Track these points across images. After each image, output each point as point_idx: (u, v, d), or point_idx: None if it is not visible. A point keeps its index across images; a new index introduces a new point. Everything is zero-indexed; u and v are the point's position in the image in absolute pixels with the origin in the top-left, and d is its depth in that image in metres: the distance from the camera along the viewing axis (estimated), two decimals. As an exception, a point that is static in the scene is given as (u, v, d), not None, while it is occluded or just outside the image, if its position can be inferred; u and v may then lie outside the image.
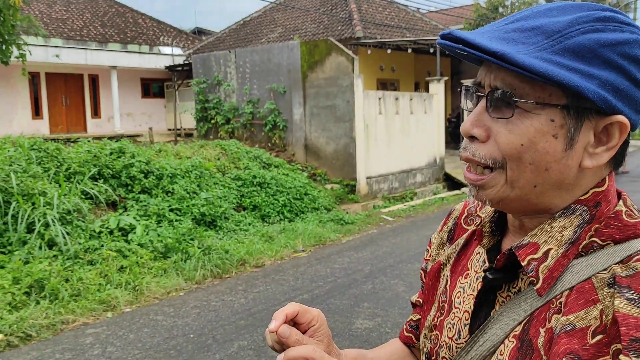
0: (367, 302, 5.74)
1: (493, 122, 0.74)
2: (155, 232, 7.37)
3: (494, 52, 0.69)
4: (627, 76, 0.70)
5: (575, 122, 0.71)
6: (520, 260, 0.75)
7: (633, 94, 0.71)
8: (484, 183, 0.76)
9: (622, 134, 0.72)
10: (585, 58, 0.69)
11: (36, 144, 8.24)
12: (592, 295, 0.67)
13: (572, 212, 0.74)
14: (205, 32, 31.06)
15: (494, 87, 0.74)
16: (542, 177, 0.73)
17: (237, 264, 7.15)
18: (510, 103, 0.72)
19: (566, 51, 0.69)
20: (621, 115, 0.71)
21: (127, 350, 4.69)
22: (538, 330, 0.71)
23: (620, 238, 0.71)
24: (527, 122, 0.71)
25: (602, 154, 0.73)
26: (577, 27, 0.70)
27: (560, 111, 0.71)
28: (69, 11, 21.68)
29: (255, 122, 13.42)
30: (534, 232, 0.76)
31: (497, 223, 0.86)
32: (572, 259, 0.73)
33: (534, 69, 0.67)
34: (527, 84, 0.71)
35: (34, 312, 5.22)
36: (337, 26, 16.40)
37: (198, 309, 5.67)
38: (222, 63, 14.10)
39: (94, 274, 6.09)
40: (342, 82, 11.82)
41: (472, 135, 0.76)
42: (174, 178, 8.92)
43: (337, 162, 12.10)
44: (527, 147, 0.72)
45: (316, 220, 9.64)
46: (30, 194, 6.89)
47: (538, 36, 0.71)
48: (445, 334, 0.89)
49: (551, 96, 0.71)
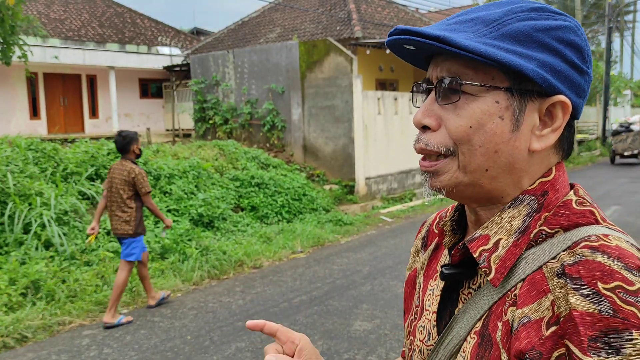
0: (366, 303, 5.71)
1: (443, 111, 0.77)
2: (153, 233, 7.34)
3: (437, 36, 0.73)
4: (564, 59, 0.74)
5: (519, 104, 0.74)
6: (472, 253, 0.76)
7: (571, 76, 0.75)
8: (437, 169, 0.78)
9: (564, 114, 0.75)
10: (523, 42, 0.73)
11: (33, 144, 8.21)
12: (543, 286, 0.67)
13: (520, 202, 0.76)
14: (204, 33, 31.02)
15: (441, 77, 0.77)
16: (493, 159, 0.75)
17: (235, 265, 7.11)
18: (456, 89, 0.75)
19: (504, 36, 0.73)
20: (562, 95, 0.74)
21: (123, 351, 4.65)
22: (496, 325, 0.72)
23: (569, 225, 0.72)
24: (474, 105, 0.74)
25: (549, 135, 0.75)
26: (512, 16, 0.74)
27: (504, 93, 0.74)
28: (67, 11, 21.63)
29: (254, 123, 13.38)
30: (485, 224, 0.78)
31: (458, 221, 0.88)
32: (524, 248, 0.73)
33: (475, 50, 0.71)
34: (471, 69, 0.74)
35: (30, 313, 5.18)
36: (335, 26, 16.37)
37: (195, 310, 5.64)
38: (220, 63, 14.06)
39: (90, 275, 6.06)
40: (341, 82, 11.79)
41: (424, 126, 0.78)
42: (171, 178, 8.88)
43: (336, 163, 12.07)
44: (475, 129, 0.74)
45: (315, 221, 9.61)
46: (27, 195, 6.85)
47: (477, 25, 0.75)
48: (417, 337, 0.90)
49: (494, 79, 0.74)
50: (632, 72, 42.46)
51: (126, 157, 5.43)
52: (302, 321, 5.25)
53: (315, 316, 5.39)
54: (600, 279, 0.62)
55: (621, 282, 0.62)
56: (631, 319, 0.59)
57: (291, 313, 5.48)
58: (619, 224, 0.72)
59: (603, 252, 0.65)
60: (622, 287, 0.61)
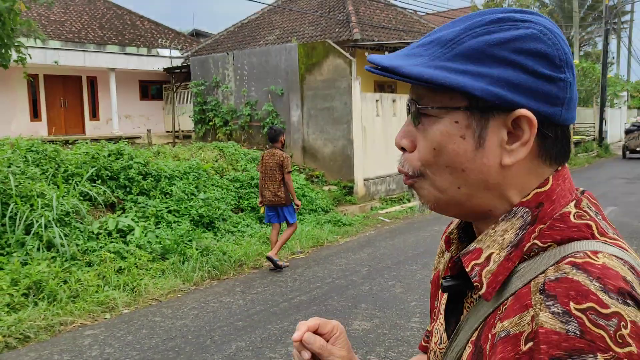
0: (365, 303, 5.76)
1: (417, 132, 0.78)
2: (154, 234, 7.38)
3: (386, 67, 0.74)
4: (524, 70, 0.71)
5: (479, 122, 0.73)
6: (465, 267, 0.75)
7: (535, 87, 0.71)
8: (412, 183, 0.80)
9: (531, 127, 0.71)
10: (475, 59, 0.71)
11: (34, 146, 8.25)
12: (526, 300, 0.66)
13: (514, 215, 0.74)
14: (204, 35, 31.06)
15: (410, 99, 0.78)
16: (462, 177, 0.74)
17: (235, 266, 7.16)
18: (418, 112, 0.76)
19: (457, 56, 0.72)
20: (522, 109, 0.71)
21: (125, 351, 4.70)
22: (487, 336, 0.71)
23: (562, 239, 0.70)
24: (434, 127, 0.75)
25: (519, 149, 0.73)
26: (469, 33, 0.72)
27: (463, 112, 0.73)
28: (67, 13, 21.68)
29: (253, 124, 13.44)
30: (479, 237, 0.77)
31: (466, 229, 0.88)
32: (517, 262, 0.72)
33: (420, 77, 0.71)
34: (430, 91, 0.75)
35: (32, 313, 5.23)
36: (334, 28, 16.43)
37: (196, 310, 5.69)
38: (220, 65, 14.12)
39: (92, 275, 6.10)
40: (340, 84, 11.84)
41: (402, 147, 0.80)
42: (172, 180, 8.93)
43: (335, 164, 12.13)
44: (438, 151, 0.74)
45: (314, 221, 9.66)
46: (29, 196, 6.90)
47: (434, 47, 0.74)
48: (433, 340, 0.91)
49: (452, 100, 0.73)
50: (629, 73, 42.51)
51: (275, 146, 7.17)
52: (302, 321, 5.29)
53: (314, 316, 5.41)
54: (574, 299, 0.61)
55: (595, 303, 0.60)
56: (598, 342, 0.58)
57: (291, 313, 5.53)
58: (615, 225, 0.71)
59: (584, 270, 0.63)
60: (595, 309, 0.59)
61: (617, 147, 28.70)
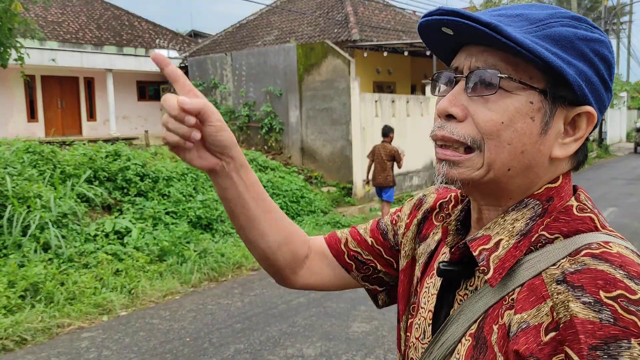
0: (364, 305, 5.73)
1: (471, 103, 0.75)
2: (151, 235, 7.35)
3: (488, 23, 0.70)
4: (597, 72, 0.74)
5: (550, 108, 0.74)
6: (472, 251, 0.76)
7: (599, 90, 0.75)
8: (460, 160, 0.76)
9: (589, 125, 0.75)
10: (565, 47, 0.72)
11: (31, 147, 8.21)
12: (542, 292, 0.67)
13: (525, 206, 0.76)
14: (202, 35, 31.04)
15: (475, 68, 0.75)
16: (517, 159, 0.74)
17: (233, 267, 7.13)
18: (492, 83, 0.73)
19: (548, 37, 0.72)
20: (590, 107, 0.74)
21: (122, 354, 4.67)
22: (492, 328, 0.72)
23: (569, 231, 0.72)
24: (508, 101, 0.73)
25: (570, 144, 0.76)
26: (556, 19, 0.74)
27: (539, 94, 0.73)
28: (64, 14, 21.63)
29: (252, 125, 13.41)
30: (487, 225, 0.78)
31: (463, 222, 0.88)
32: (524, 251, 0.73)
33: (524, 44, 0.69)
34: (510, 65, 0.73)
35: (29, 315, 5.19)
36: (333, 29, 16.41)
37: (194, 313, 5.65)
38: (218, 66, 14.09)
39: (89, 277, 6.06)
40: (339, 84, 11.82)
41: (449, 115, 0.76)
42: (170, 181, 8.90)
43: (334, 165, 12.10)
44: (506, 125, 0.73)
45: (313, 223, 9.63)
46: (26, 197, 6.86)
47: (522, 21, 0.74)
48: (413, 335, 0.90)
49: (532, 79, 0.73)
50: (629, 74, 42.61)
51: (385, 140, 9.04)
52: (301, 323, 5.27)
53: (313, 318, 5.41)
54: (603, 288, 0.62)
55: (624, 290, 0.62)
56: (631, 328, 0.60)
57: (290, 315, 5.50)
58: (615, 226, 0.72)
59: (605, 260, 0.65)
60: (625, 296, 0.61)
61: (616, 148, 28.76)
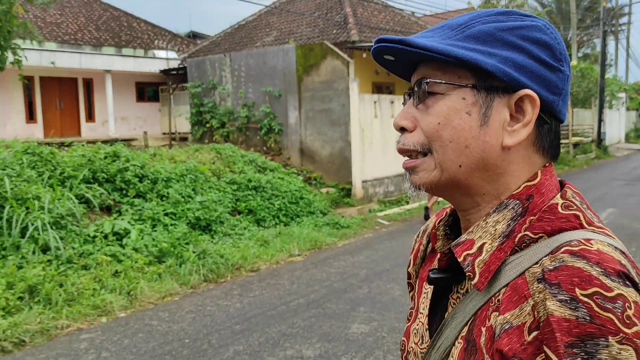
0: (363, 306, 5.72)
1: (418, 112, 0.80)
2: (150, 237, 7.34)
3: (400, 40, 0.77)
4: (529, 55, 0.76)
5: (485, 99, 0.76)
6: (457, 257, 0.77)
7: (539, 72, 0.76)
8: (415, 165, 0.81)
9: (533, 107, 0.76)
10: (486, 41, 0.76)
11: (30, 148, 8.19)
12: (524, 291, 0.68)
13: (505, 207, 0.77)
14: (200, 36, 31.02)
15: (415, 81, 0.81)
16: (465, 154, 0.77)
17: (232, 269, 7.12)
18: (425, 90, 0.79)
19: (468, 37, 0.77)
20: (527, 89, 0.75)
21: (121, 355, 4.66)
22: (480, 330, 0.73)
23: (553, 230, 0.72)
24: (441, 102, 0.77)
25: (520, 130, 0.76)
26: (478, 19, 0.78)
27: (470, 90, 0.76)
28: (63, 15, 21.61)
29: (251, 126, 13.40)
30: (470, 229, 0.79)
31: (452, 227, 0.89)
32: (508, 252, 0.74)
33: (434, 49, 0.74)
34: (439, 70, 0.78)
35: (27, 317, 5.18)
36: (332, 30, 16.40)
37: (193, 314, 5.64)
38: (217, 67, 14.08)
39: (88, 278, 6.05)
40: (338, 85, 11.82)
41: (402, 128, 0.82)
42: (168, 182, 8.89)
43: (333, 166, 12.09)
44: (443, 125, 0.77)
45: (312, 224, 9.62)
46: (24, 198, 6.85)
47: (445, 30, 0.79)
48: (412, 340, 0.91)
49: (460, 78, 0.77)
50: (627, 75, 42.64)
51: None
52: (300, 324, 5.26)
53: (312, 319, 5.40)
54: (578, 285, 0.62)
55: (599, 288, 0.62)
56: (608, 325, 0.60)
57: (289, 316, 5.49)
58: (614, 226, 0.71)
59: (582, 257, 0.65)
60: (600, 294, 0.62)
61: (615, 149, 28.75)
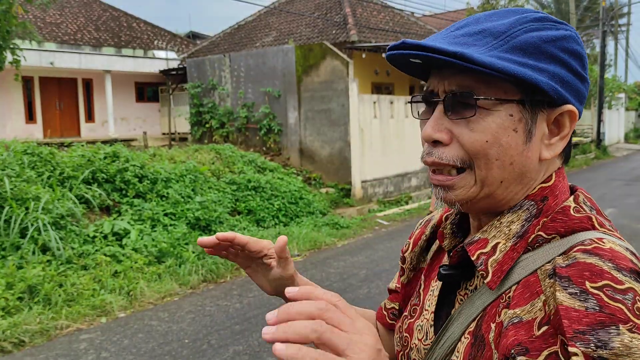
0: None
1: (453, 125, 0.76)
2: (150, 237, 7.34)
3: (454, 52, 0.71)
4: (569, 69, 0.75)
5: (531, 115, 0.75)
6: (470, 255, 0.77)
7: (576, 85, 0.77)
8: (453, 183, 0.78)
9: (572, 122, 0.77)
10: (533, 54, 0.73)
11: (29, 148, 8.19)
12: (537, 288, 0.69)
13: (520, 207, 0.77)
14: (200, 36, 31.03)
15: (450, 91, 0.76)
16: (508, 171, 0.76)
17: (232, 269, 7.12)
18: (470, 104, 0.74)
19: (514, 49, 0.73)
20: (570, 105, 0.76)
21: (121, 355, 4.66)
22: (489, 326, 0.73)
23: (566, 231, 0.73)
24: (489, 119, 0.74)
25: (557, 144, 0.78)
26: (519, 27, 0.74)
27: (517, 106, 0.74)
28: (62, 15, 21.61)
29: (250, 126, 13.40)
30: (484, 228, 0.79)
31: (459, 225, 0.89)
32: (521, 252, 0.75)
33: (493, 66, 0.70)
34: (483, 83, 0.74)
35: (27, 317, 5.18)
36: (331, 30, 16.41)
37: (193, 314, 5.64)
38: (216, 67, 14.08)
39: (87, 279, 6.05)
40: (337, 86, 11.82)
41: (435, 140, 0.78)
42: (168, 182, 8.89)
43: (332, 166, 12.10)
44: (491, 143, 0.74)
45: (311, 224, 9.62)
46: (24, 199, 6.85)
47: (486, 38, 0.74)
48: (415, 336, 0.91)
49: (507, 93, 0.74)
50: (627, 75, 42.65)
51: None
52: (300, 324, 5.25)
53: (312, 319, 5.39)
54: (589, 279, 0.63)
55: (609, 281, 0.62)
56: (618, 315, 0.60)
57: (288, 316, 5.49)
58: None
59: (595, 254, 0.66)
60: (610, 286, 0.62)
61: (615, 149, 28.77)
